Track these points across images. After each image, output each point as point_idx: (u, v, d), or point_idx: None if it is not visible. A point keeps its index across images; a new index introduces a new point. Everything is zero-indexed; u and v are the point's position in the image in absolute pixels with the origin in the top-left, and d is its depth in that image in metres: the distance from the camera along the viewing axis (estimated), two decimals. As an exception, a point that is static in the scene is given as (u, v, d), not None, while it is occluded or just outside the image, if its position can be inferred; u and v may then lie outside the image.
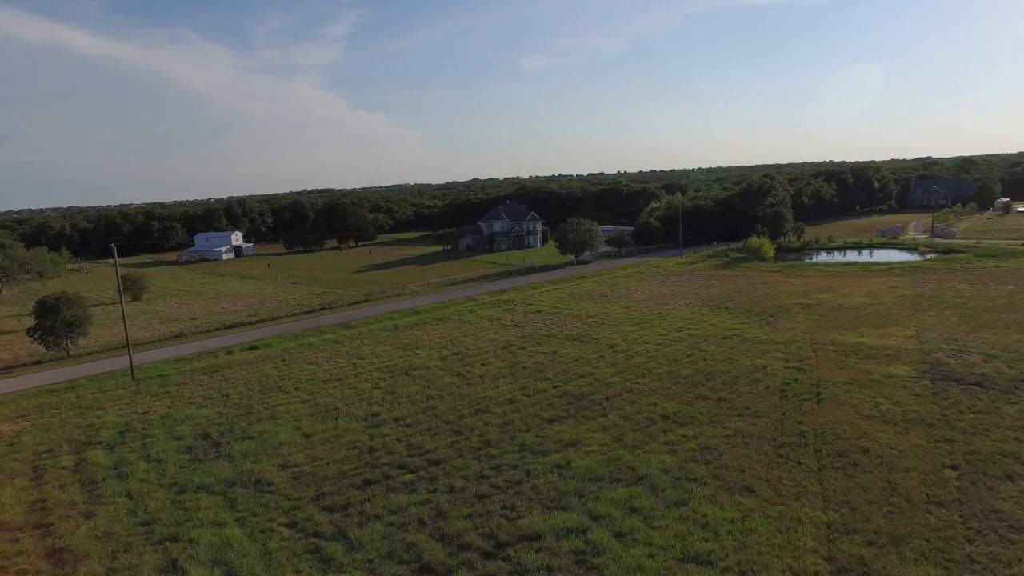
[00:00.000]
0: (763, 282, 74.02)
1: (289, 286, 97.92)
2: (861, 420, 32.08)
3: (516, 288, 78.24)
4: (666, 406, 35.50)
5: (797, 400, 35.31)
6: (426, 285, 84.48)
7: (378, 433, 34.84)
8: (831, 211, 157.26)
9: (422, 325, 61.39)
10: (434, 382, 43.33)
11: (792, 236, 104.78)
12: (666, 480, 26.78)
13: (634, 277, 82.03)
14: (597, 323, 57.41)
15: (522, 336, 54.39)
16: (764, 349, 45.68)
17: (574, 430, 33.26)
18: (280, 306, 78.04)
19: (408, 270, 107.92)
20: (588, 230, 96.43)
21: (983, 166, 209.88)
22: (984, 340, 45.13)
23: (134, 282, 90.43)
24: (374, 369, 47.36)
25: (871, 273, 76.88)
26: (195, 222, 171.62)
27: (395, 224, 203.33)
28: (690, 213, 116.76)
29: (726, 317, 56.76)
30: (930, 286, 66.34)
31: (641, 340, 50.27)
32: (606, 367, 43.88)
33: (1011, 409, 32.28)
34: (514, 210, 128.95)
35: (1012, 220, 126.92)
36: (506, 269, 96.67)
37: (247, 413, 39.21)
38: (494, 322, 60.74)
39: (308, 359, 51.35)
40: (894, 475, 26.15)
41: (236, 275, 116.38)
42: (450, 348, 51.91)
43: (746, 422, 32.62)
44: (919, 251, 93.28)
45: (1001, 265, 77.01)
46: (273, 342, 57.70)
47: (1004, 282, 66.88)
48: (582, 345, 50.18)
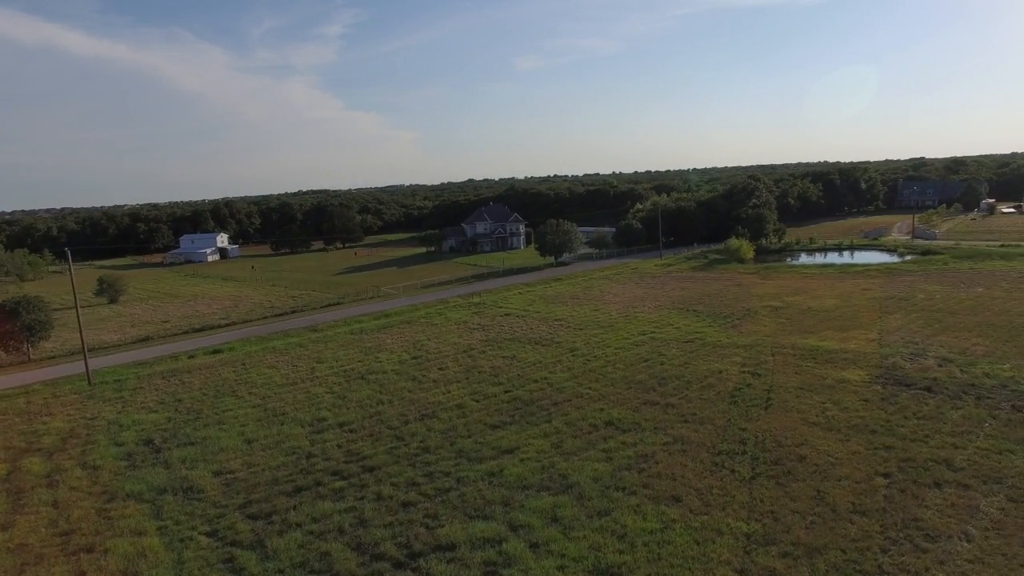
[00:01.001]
0: (737, 284, 73.70)
1: (268, 288, 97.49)
2: (805, 427, 31.74)
3: (490, 290, 77.88)
4: (612, 412, 35.14)
5: (746, 406, 34.97)
6: (401, 287, 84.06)
7: (320, 439, 34.48)
8: (818, 212, 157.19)
9: (389, 328, 61.01)
10: (387, 386, 42.97)
11: (773, 237, 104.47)
12: (595, 489, 26.41)
13: (610, 279, 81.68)
14: (563, 326, 57.06)
15: (485, 340, 54.02)
16: (724, 353, 45.34)
17: (515, 436, 32.89)
18: (254, 309, 77.63)
19: (389, 272, 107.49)
20: (567, 232, 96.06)
21: (972, 167, 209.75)
22: (943, 343, 44.85)
23: (111, 284, 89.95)
24: (331, 373, 47.00)
25: (847, 275, 76.62)
26: (182, 224, 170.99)
27: (384, 225, 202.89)
28: (673, 214, 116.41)
29: (693, 320, 56.43)
30: (902, 288, 66.07)
31: (603, 344, 49.91)
32: (562, 372, 43.52)
33: (955, 415, 31.97)
34: (497, 212, 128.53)
35: (995, 221, 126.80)
36: (485, 271, 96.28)
37: (196, 418, 38.83)
38: (461, 325, 60.36)
39: (269, 363, 50.95)
40: (825, 484, 25.80)
41: (218, 277, 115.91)
42: (411, 352, 51.55)
43: (689, 429, 32.27)
44: (898, 252, 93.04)
45: (976, 267, 76.78)
46: (238, 346, 57.29)
47: (975, 284, 66.62)
48: (543, 349, 49.82)
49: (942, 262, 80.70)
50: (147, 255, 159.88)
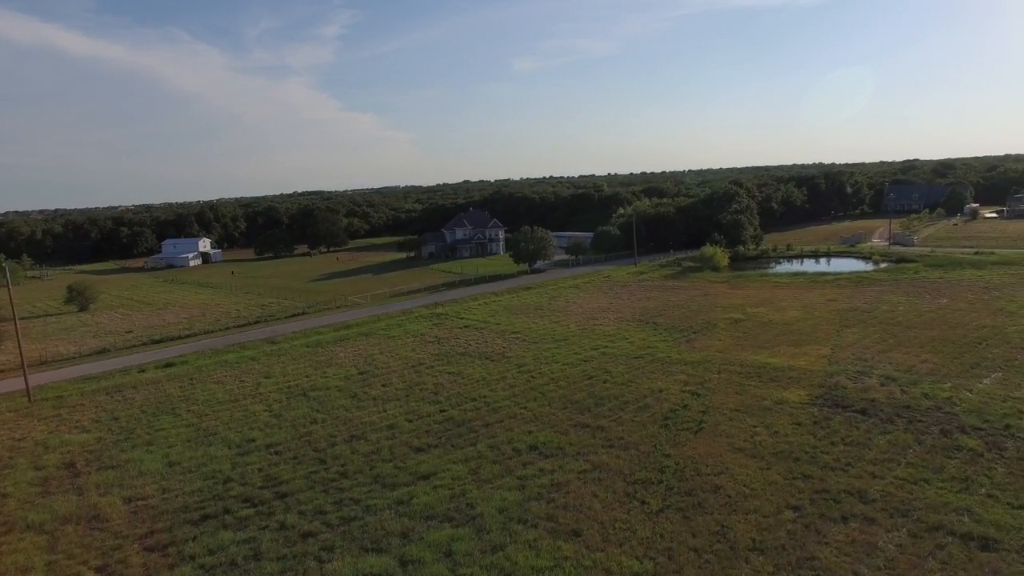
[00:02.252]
0: (705, 294, 73.15)
1: (241, 296, 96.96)
2: (730, 453, 31.15)
3: (456, 300, 77.27)
4: (540, 435, 34.56)
5: (676, 430, 34.39)
6: (369, 296, 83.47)
7: (243, 462, 33.90)
8: (803, 216, 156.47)
9: (346, 341, 60.44)
10: (326, 404, 42.42)
11: (751, 244, 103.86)
12: (497, 521, 25.82)
13: (579, 288, 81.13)
14: (518, 340, 56.49)
15: (436, 354, 53.46)
16: (670, 371, 44.77)
17: (436, 461, 32.32)
18: (220, 318, 77.06)
19: (364, 279, 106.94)
20: (541, 239, 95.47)
21: (961, 170, 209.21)
22: (892, 360, 44.29)
23: (80, 292, 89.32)
24: (275, 389, 46.43)
25: (816, 284, 76.05)
26: (166, 228, 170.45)
27: (371, 229, 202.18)
28: (653, 220, 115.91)
29: (649, 334, 55.85)
30: (868, 299, 65.51)
31: (552, 359, 49.34)
32: (502, 390, 42.96)
33: (882, 440, 31.38)
34: (476, 217, 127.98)
35: (976, 227, 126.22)
36: (458, 278, 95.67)
37: (126, 438, 38.25)
38: (417, 338, 59.80)
39: (217, 378, 50.37)
40: (732, 518, 25.21)
41: (195, 283, 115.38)
42: (360, 367, 51.00)
43: (612, 455, 31.69)
44: (873, 260, 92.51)
45: (947, 276, 76.24)
46: (192, 359, 56.70)
47: (941, 295, 66.06)
48: (490, 364, 49.25)
49: (914, 271, 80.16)
50: (130, 259, 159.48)
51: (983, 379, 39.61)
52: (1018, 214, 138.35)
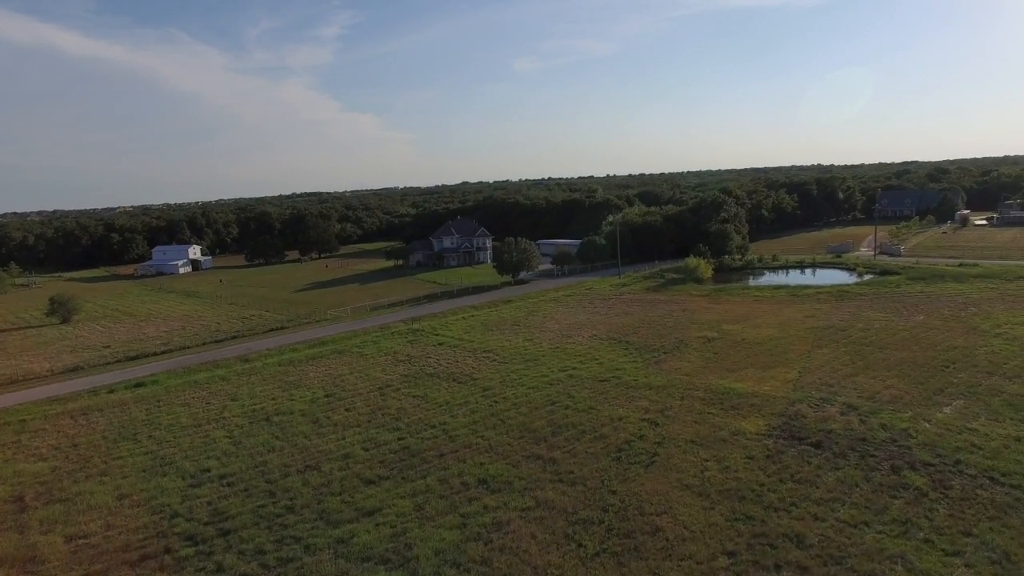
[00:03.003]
0: (683, 309, 72.90)
1: (225, 307, 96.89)
2: (677, 490, 30.93)
3: (435, 314, 77.08)
4: (491, 468, 34.38)
5: (628, 463, 34.17)
6: (349, 310, 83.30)
7: (194, 494, 33.76)
8: (794, 223, 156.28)
9: (318, 359, 60.29)
10: (287, 430, 42.28)
11: (736, 255, 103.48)
12: (431, 565, 25.64)
13: (559, 302, 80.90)
14: (489, 359, 56.31)
15: (405, 375, 53.31)
16: (633, 396, 44.55)
17: (384, 495, 32.17)
18: (199, 332, 76.96)
19: (349, 289, 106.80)
20: (525, 250, 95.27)
21: (955, 175, 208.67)
22: (858, 385, 44.04)
23: (63, 304, 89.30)
24: (239, 414, 46.27)
25: (796, 299, 75.77)
26: (158, 234, 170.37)
27: (363, 234, 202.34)
28: (640, 229, 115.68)
29: (620, 354, 55.62)
30: (845, 316, 65.23)
31: (518, 382, 49.13)
32: (464, 416, 42.78)
33: (831, 477, 31.16)
34: (464, 226, 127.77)
35: (965, 235, 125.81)
36: (440, 290, 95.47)
37: (81, 468, 38.12)
38: (390, 356, 59.65)
39: (184, 400, 50.24)
40: (665, 564, 25.02)
41: (182, 293, 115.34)
42: (327, 388, 50.85)
43: (559, 491, 31.49)
44: (857, 272, 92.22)
45: (927, 290, 75.95)
46: (163, 378, 56.57)
47: (919, 311, 65.76)
48: (457, 387, 49.08)
49: (895, 284, 79.85)
50: (121, 265, 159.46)
51: (944, 407, 39.38)
52: (1008, 222, 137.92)
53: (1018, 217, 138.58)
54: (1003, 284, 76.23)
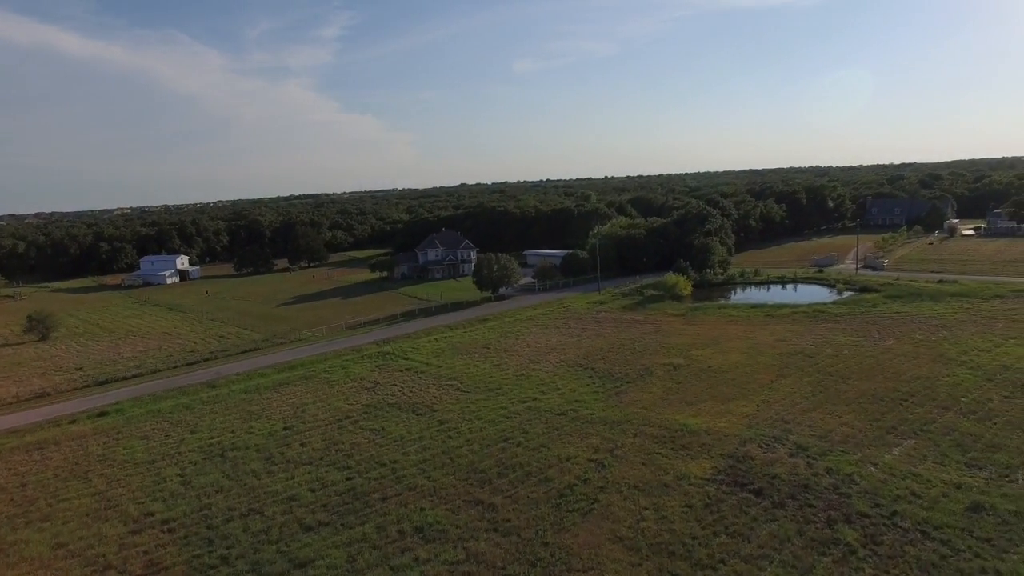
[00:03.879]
0: (656, 331, 72.66)
1: (205, 322, 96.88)
2: (609, 543, 30.79)
3: (408, 335, 76.92)
4: (431, 514, 34.27)
5: (567, 510, 34.04)
6: (326, 329, 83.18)
7: (132, 542, 33.73)
8: (783, 232, 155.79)
9: (285, 386, 60.20)
10: (239, 468, 42.23)
11: (718, 269, 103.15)
12: (348, 631, 25.61)
13: (534, 321, 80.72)
14: (452, 388, 56.19)
15: (367, 405, 53.21)
16: (587, 433, 44.39)
17: (320, 544, 32.11)
18: (174, 353, 76.93)
19: (331, 304, 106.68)
20: (505, 266, 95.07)
21: (947, 180, 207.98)
22: (813, 422, 43.83)
23: (41, 321, 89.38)
24: (196, 448, 46.22)
25: (771, 319, 75.52)
26: (147, 242, 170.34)
27: (355, 242, 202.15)
28: (623, 242, 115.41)
29: (583, 383, 55.42)
30: (815, 339, 64.97)
31: (476, 415, 49.00)
32: (415, 453, 42.69)
33: (765, 531, 30.97)
34: (449, 238, 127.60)
35: (951, 246, 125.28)
36: (420, 306, 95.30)
37: (24, 512, 38.04)
38: (356, 383, 59.56)
39: (144, 432, 50.19)
40: (582, 629, 24.93)
41: (166, 306, 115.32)
42: (287, 420, 50.76)
43: (492, 542, 31.37)
44: (836, 289, 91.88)
45: (903, 310, 75.62)
46: (127, 406, 56.55)
47: (890, 334, 65.48)
48: (414, 420, 48.98)
49: (872, 304, 79.50)
50: (110, 275, 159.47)
51: (894, 448, 39.19)
52: (995, 232, 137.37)
53: (1005, 228, 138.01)
54: (978, 304, 75.91)
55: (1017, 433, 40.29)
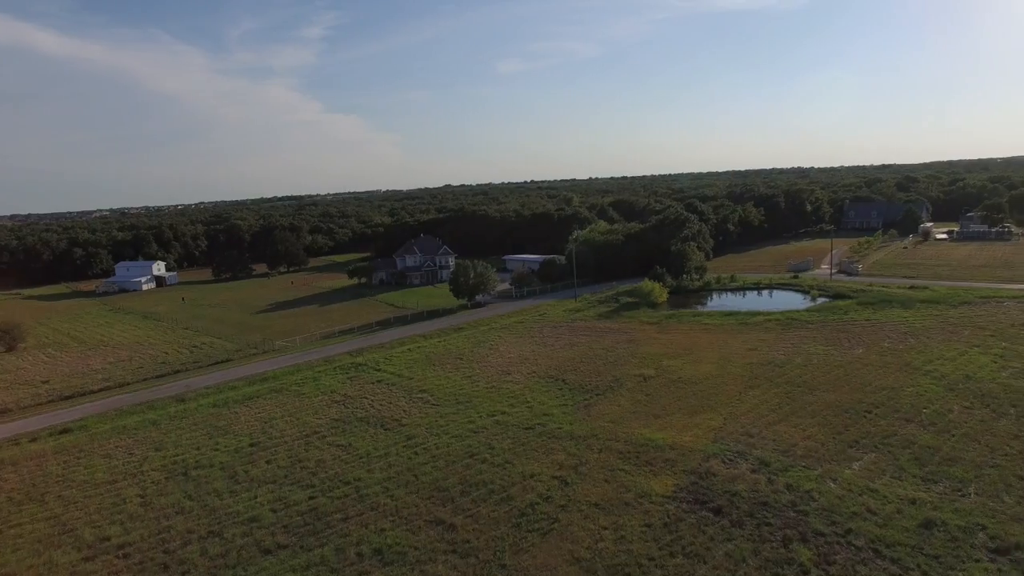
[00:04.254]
0: (630, 340, 72.86)
1: (179, 331, 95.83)
2: (565, 566, 30.79)
3: (381, 345, 76.51)
4: (391, 535, 34.09)
5: (526, 530, 34.00)
6: (299, 340, 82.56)
7: (84, 570, 33.22)
8: (761, 236, 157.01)
9: (255, 400, 59.62)
10: (202, 488, 41.76)
11: (694, 276, 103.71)
12: (297, 662, 25.40)
13: (509, 330, 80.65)
14: (422, 401, 55.99)
15: (336, 419, 52.87)
16: (552, 448, 44.40)
17: (276, 568, 31.82)
18: (144, 365, 75.98)
19: (307, 312, 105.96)
20: (481, 274, 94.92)
21: (923, 183, 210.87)
22: (777, 436, 44.15)
23: (7, 332, 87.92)
24: (160, 467, 45.63)
25: (744, 328, 76.00)
26: (123, 248, 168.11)
27: (335, 246, 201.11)
28: (601, 248, 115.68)
29: (553, 396, 55.42)
30: (787, 348, 65.48)
31: (444, 429, 48.85)
32: (380, 471, 42.47)
33: (721, 551, 31.15)
34: (427, 244, 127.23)
35: (924, 251, 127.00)
36: (395, 314, 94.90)
37: (-22, 536, 37.40)
38: (326, 397, 59.16)
39: (107, 450, 49.48)
40: (532, 657, 24.91)
41: (141, 313, 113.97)
42: (254, 435, 50.26)
43: (450, 564, 31.27)
44: (811, 295, 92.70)
45: (874, 317, 76.48)
46: (91, 423, 55.72)
47: (860, 342, 66.21)
48: (382, 435, 48.73)
49: (844, 311, 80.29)
50: (85, 281, 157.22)
51: (855, 463, 39.57)
52: (966, 236, 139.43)
53: (976, 232, 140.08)
54: (946, 311, 76.97)
55: (973, 446, 40.92)
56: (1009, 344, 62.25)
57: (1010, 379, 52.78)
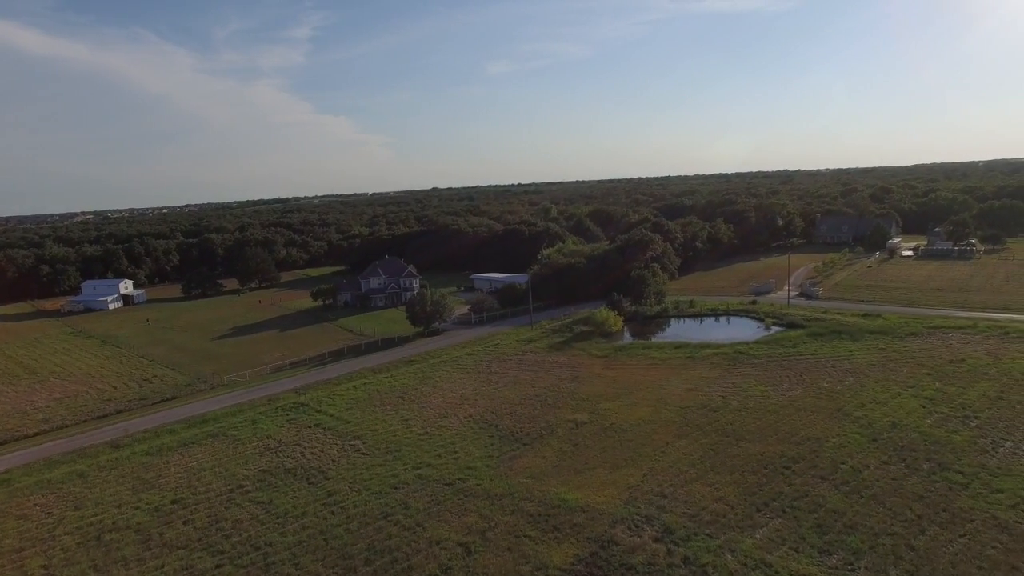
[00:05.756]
0: (574, 377, 73.00)
1: (135, 360, 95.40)
2: (446, 652, 30.97)
3: (329, 381, 76.33)
4: (281, 619, 34.19)
5: (418, 610, 34.17)
6: (249, 374, 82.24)
7: (-27, 656, 33.12)
8: (731, 251, 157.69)
9: (190, 445, 59.44)
10: (111, 555, 41.63)
11: (653, 301, 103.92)
12: None
13: (457, 364, 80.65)
14: (352, 450, 55.98)
15: (264, 470, 52.77)
16: (466, 509, 44.50)
17: (159, 661, 31.84)
18: (88, 403, 75.41)
19: (268, 337, 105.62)
20: (438, 301, 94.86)
21: (896, 194, 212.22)
22: (691, 496, 44.37)
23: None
24: (74, 529, 45.41)
25: (692, 361, 76.34)
26: (93, 263, 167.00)
27: (310, 259, 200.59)
28: (563, 271, 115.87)
29: (482, 445, 55.41)
30: (725, 389, 65.78)
31: (366, 484, 48.82)
32: (292, 533, 42.46)
33: (601, 637, 31.38)
34: (391, 266, 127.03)
35: (887, 270, 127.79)
36: (351, 343, 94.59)
37: None
38: (261, 442, 59.03)
39: (25, 509, 49.11)
40: None
41: (101, 337, 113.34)
42: (178, 491, 50.09)
43: (332, 654, 31.38)
44: (765, 323, 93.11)
45: (820, 351, 76.96)
46: (16, 476, 55.24)
47: (800, 382, 66.65)
48: (306, 490, 48.70)
49: (792, 343, 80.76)
50: (51, 298, 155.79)
51: (758, 530, 39.80)
52: (931, 254, 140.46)
53: (940, 249, 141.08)
54: (892, 344, 77.54)
55: (877, 509, 41.29)
56: (942, 385, 62.91)
57: (933, 427, 53.38)
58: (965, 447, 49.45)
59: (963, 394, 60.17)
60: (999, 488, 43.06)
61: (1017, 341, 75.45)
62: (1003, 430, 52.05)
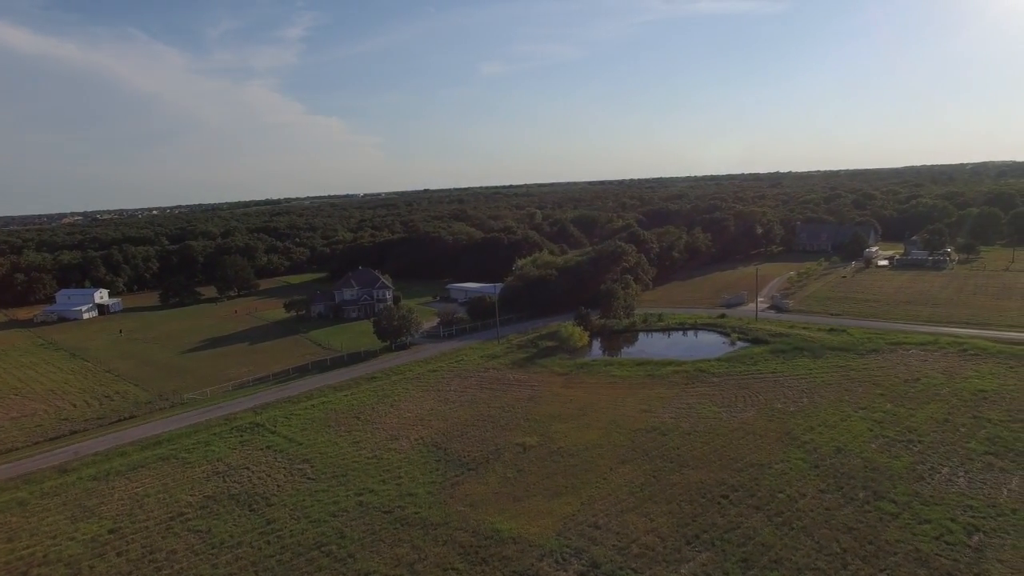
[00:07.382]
0: (531, 397, 73.02)
1: (101, 375, 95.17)
2: None
3: (288, 399, 76.17)
4: (195, 662, 34.12)
5: (332, 652, 34.14)
6: (210, 392, 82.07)
7: None
8: (709, 260, 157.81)
9: (139, 469, 59.25)
10: (39, 591, 41.51)
11: (621, 315, 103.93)
12: None
13: (419, 381, 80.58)
14: (300, 474, 55.90)
15: (208, 496, 52.65)
16: (399, 539, 44.45)
17: None
18: (43, 423, 75.11)
19: (237, 350, 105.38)
20: (405, 316, 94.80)
21: (878, 201, 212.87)
22: (624, 527, 44.38)
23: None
24: (3, 564, 45.20)
25: (652, 380, 76.44)
26: (70, 272, 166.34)
27: (291, 265, 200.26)
28: (535, 284, 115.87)
29: (428, 470, 55.31)
30: (679, 410, 65.88)
31: (307, 512, 48.70)
32: (224, 566, 42.34)
33: None
34: (364, 277, 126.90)
35: (862, 280, 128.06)
36: (317, 358, 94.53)
37: None
38: (210, 466, 58.90)
39: (-36, 536, 48.98)
40: None
41: (69, 350, 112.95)
42: (117, 519, 49.89)
43: None
44: (731, 339, 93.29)
45: (780, 370, 77.14)
46: (-41, 502, 55.08)
47: (755, 403, 66.84)
48: (245, 518, 48.58)
49: (754, 361, 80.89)
50: (25, 307, 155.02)
51: (686, 563, 39.88)
52: (906, 263, 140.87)
53: (916, 259, 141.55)
54: (852, 361, 77.76)
55: (806, 542, 41.37)
56: (892, 406, 63.13)
57: (876, 452, 53.55)
58: (903, 474, 49.67)
59: (912, 416, 60.45)
60: (927, 518, 43.27)
61: (973, 359, 75.86)
62: (943, 455, 52.32)
